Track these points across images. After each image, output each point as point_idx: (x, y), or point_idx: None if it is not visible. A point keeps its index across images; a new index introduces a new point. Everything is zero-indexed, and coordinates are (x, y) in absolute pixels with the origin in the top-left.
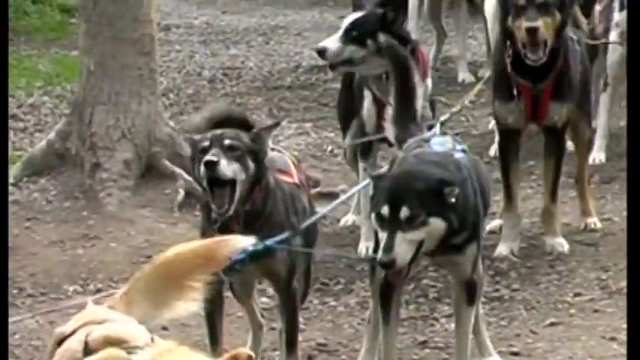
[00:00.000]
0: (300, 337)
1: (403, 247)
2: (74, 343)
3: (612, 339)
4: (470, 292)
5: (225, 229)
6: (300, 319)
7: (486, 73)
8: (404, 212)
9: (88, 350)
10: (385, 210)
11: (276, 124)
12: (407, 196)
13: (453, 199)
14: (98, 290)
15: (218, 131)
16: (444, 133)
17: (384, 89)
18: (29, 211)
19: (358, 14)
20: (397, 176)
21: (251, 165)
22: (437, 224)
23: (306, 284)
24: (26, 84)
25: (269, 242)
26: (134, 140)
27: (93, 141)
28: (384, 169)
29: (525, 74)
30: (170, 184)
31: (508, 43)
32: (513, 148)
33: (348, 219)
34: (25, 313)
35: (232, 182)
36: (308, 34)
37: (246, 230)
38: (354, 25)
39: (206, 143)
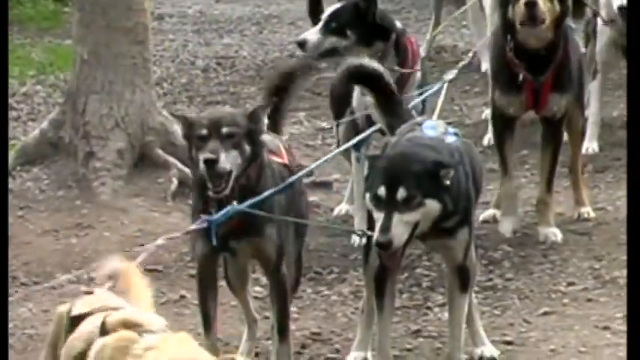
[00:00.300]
0: (293, 326)
1: (400, 228)
2: (89, 327)
3: (605, 328)
4: (463, 278)
5: (221, 202)
6: (294, 308)
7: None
8: (401, 193)
9: (104, 331)
10: (382, 190)
11: (272, 103)
12: (404, 177)
13: (448, 182)
14: (91, 279)
15: (215, 114)
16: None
17: None
18: (22, 200)
19: (337, 5)
20: (393, 157)
21: (247, 147)
22: (432, 206)
23: (298, 272)
24: (19, 73)
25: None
26: (127, 129)
27: (86, 130)
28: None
29: (526, 66)
30: (163, 174)
31: (509, 37)
32: (509, 130)
33: (342, 208)
34: (18, 302)
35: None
36: (301, 23)
37: (241, 202)
38: (332, 16)
39: (204, 131)
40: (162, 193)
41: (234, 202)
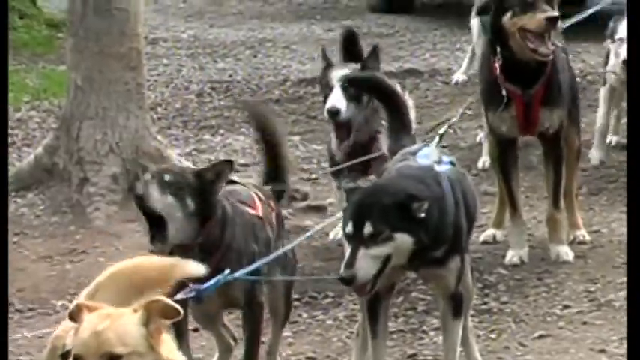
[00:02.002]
0: (288, 351)
1: (365, 263)
2: None
3: (601, 351)
4: (455, 305)
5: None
6: (289, 333)
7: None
8: (367, 228)
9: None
10: (350, 226)
11: (228, 163)
12: (371, 212)
13: (423, 214)
14: None
15: (162, 166)
16: (442, 146)
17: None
18: (17, 226)
19: (345, 69)
20: (366, 191)
21: (191, 203)
22: (403, 239)
23: (287, 308)
24: (14, 99)
25: (238, 274)
26: (122, 155)
27: (80, 155)
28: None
29: (515, 80)
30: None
31: (498, 49)
32: (511, 157)
33: (337, 232)
34: (13, 328)
35: (167, 218)
36: (295, 47)
37: (202, 261)
38: (350, 82)
39: (147, 177)
40: None
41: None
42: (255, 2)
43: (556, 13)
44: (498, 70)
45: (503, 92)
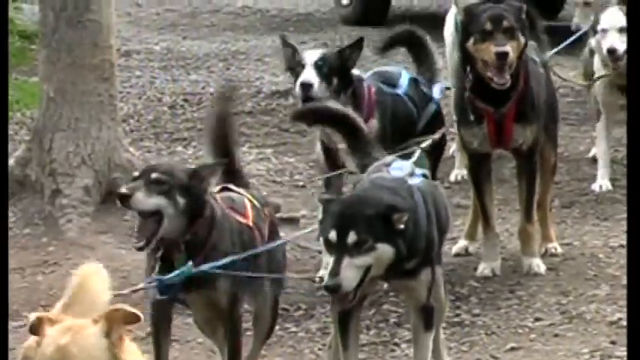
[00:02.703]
0: None
1: (349, 272)
2: None
3: None
4: (426, 317)
5: (167, 256)
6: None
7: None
8: (351, 237)
9: None
10: (333, 234)
11: (220, 164)
12: (355, 221)
13: (402, 225)
14: None
15: (156, 164)
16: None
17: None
18: None
19: (320, 51)
20: (346, 201)
21: (181, 200)
22: (384, 250)
23: (273, 320)
24: None
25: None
26: (94, 166)
27: (53, 167)
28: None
29: (486, 98)
30: (130, 211)
31: (468, 68)
32: (484, 170)
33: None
34: None
35: (157, 215)
36: (269, 59)
37: (188, 258)
38: (322, 60)
39: (135, 174)
40: (129, 230)
41: (190, 262)
42: (228, 15)
43: (506, 49)
44: (469, 87)
45: (471, 116)
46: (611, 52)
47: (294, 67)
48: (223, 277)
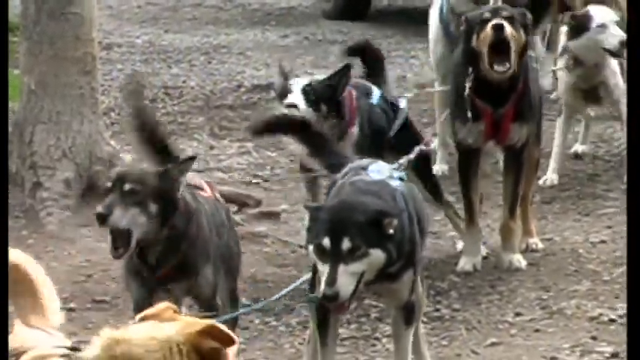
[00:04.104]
0: (241, 357)
1: (346, 279)
2: None
3: (553, 358)
4: (407, 314)
5: (144, 253)
6: (241, 339)
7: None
8: (345, 244)
9: None
10: (326, 242)
11: (192, 159)
12: (348, 228)
13: (392, 231)
14: None
15: (124, 170)
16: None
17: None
18: None
19: (306, 80)
20: (336, 207)
21: (153, 206)
22: (377, 255)
23: (234, 307)
24: None
25: None
26: (75, 159)
27: (33, 160)
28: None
29: (486, 98)
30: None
31: (470, 69)
32: (474, 165)
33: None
34: None
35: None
36: (250, 53)
37: (170, 252)
38: (311, 89)
39: (109, 184)
40: None
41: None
42: (210, 8)
43: (501, 22)
44: (470, 87)
45: (472, 110)
46: (624, 43)
47: (283, 93)
48: (206, 266)
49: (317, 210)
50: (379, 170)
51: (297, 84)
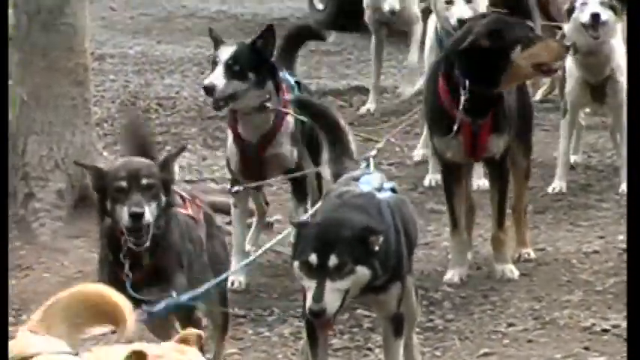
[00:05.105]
0: None
1: (332, 296)
2: None
3: None
4: (396, 325)
5: (134, 255)
6: (234, 349)
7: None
8: (332, 260)
9: None
10: (313, 258)
11: (182, 149)
12: (335, 244)
13: (377, 247)
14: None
15: (132, 166)
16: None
17: (251, 125)
18: None
19: (233, 47)
20: (322, 223)
21: (162, 198)
22: (362, 272)
23: (224, 316)
24: None
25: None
26: (67, 170)
27: (26, 171)
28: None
29: (468, 111)
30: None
31: (467, 82)
32: (457, 175)
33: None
34: None
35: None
36: None
37: (151, 255)
38: (233, 59)
39: (123, 183)
40: None
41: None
42: (202, 19)
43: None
44: (446, 98)
45: (454, 121)
46: (595, 16)
47: (212, 64)
48: (179, 275)
49: (303, 226)
50: (369, 182)
51: (223, 52)
